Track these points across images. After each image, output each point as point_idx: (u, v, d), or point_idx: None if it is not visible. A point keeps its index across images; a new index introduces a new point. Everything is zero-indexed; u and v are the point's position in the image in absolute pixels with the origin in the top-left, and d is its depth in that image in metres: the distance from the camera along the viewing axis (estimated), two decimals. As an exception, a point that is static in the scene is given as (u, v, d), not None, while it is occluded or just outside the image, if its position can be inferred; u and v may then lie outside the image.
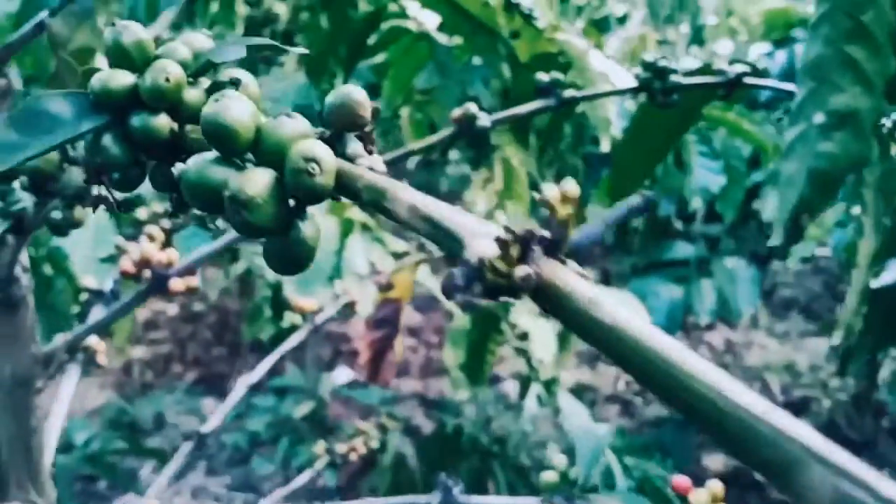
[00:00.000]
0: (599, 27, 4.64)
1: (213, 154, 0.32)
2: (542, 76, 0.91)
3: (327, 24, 1.63)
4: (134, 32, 0.34)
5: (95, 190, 0.39)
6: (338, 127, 0.36)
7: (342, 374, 3.76)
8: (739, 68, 0.98)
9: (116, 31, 0.35)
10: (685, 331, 4.00)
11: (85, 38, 0.59)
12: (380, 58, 1.99)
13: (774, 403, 0.24)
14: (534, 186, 2.78)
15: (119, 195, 0.38)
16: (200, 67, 0.35)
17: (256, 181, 0.30)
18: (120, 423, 3.54)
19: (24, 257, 0.71)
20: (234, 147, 0.31)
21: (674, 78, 0.92)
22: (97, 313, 1.07)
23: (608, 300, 0.26)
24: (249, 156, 0.33)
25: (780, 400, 3.58)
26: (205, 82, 0.35)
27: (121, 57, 0.34)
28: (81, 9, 0.59)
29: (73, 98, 0.34)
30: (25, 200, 0.63)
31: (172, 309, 4.76)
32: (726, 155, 2.52)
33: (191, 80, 0.35)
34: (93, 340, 1.01)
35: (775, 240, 0.73)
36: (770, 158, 1.68)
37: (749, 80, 0.98)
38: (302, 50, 0.45)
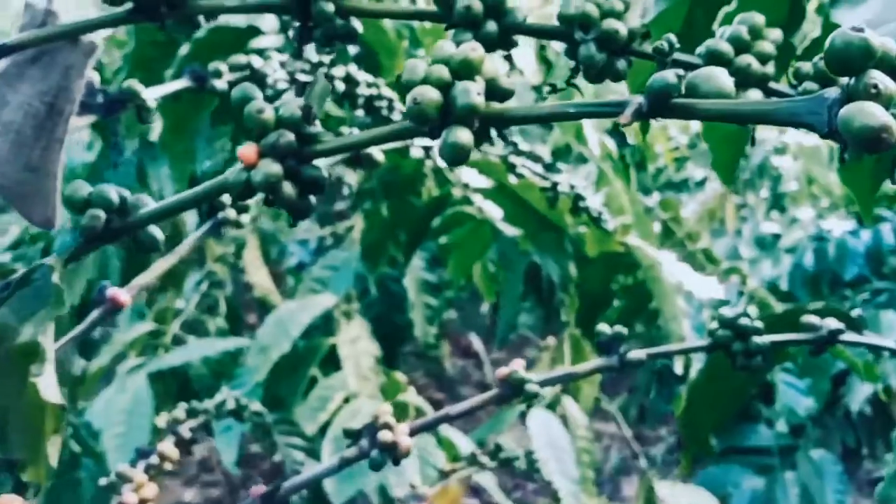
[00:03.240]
0: (678, 189, 4.56)
1: None
2: (604, 328, 0.80)
3: (387, 212, 1.56)
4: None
5: None
6: None
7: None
8: (833, 324, 0.85)
9: None
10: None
11: (32, 332, 0.49)
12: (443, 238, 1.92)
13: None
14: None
15: None
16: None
17: None
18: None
19: None
20: None
21: (757, 339, 0.80)
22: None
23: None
24: None
25: None
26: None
27: None
28: (37, 294, 0.50)
29: None
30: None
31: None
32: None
33: None
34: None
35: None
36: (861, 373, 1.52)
37: (845, 338, 0.84)
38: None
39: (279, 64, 0.98)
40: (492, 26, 0.54)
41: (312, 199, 0.49)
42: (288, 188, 0.47)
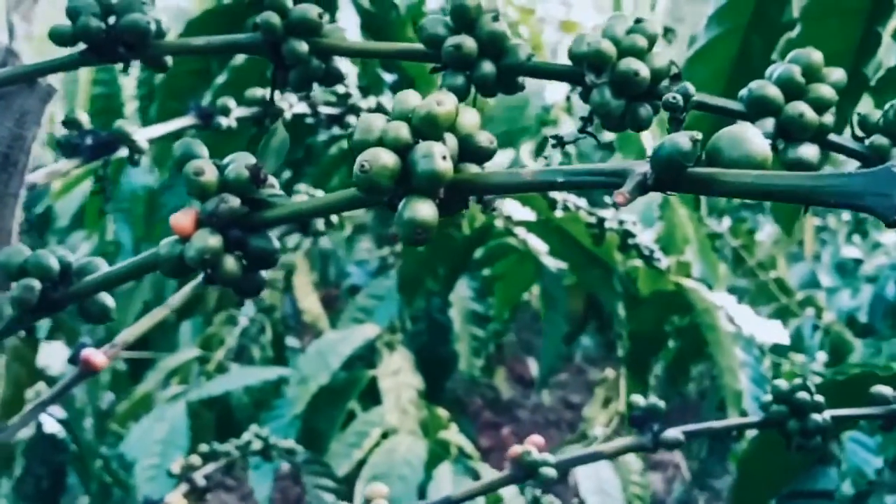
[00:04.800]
0: (754, 210, 4.38)
1: None
2: (639, 400, 0.70)
3: (424, 245, 1.48)
4: None
5: None
6: None
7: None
8: (907, 395, 0.74)
9: None
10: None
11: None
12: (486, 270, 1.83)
13: None
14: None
15: None
16: None
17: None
18: None
19: None
20: None
21: (816, 417, 0.69)
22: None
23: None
24: None
25: None
26: None
27: None
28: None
29: None
30: None
31: (285, 465, 4.60)
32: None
33: None
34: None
35: None
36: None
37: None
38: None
39: (297, 98, 0.91)
40: (488, 67, 0.46)
41: (264, 273, 0.41)
42: (230, 263, 0.39)
